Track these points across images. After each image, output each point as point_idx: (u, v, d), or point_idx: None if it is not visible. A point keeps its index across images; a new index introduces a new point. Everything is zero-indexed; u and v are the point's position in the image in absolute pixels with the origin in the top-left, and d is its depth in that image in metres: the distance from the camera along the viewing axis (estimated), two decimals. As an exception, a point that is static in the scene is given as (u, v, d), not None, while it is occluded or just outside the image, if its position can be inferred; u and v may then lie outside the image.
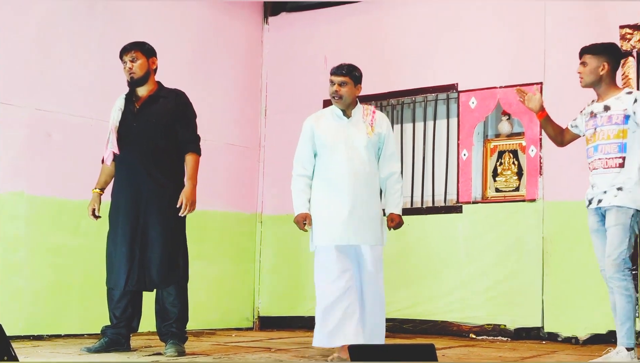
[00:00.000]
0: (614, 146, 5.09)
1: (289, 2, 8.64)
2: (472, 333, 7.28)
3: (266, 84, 8.59)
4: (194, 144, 5.65)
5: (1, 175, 6.43)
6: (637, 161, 5.04)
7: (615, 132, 5.09)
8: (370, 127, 5.35)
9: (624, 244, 5.01)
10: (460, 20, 7.65)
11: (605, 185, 5.10)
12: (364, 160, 5.30)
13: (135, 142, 5.56)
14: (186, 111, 5.69)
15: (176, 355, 5.36)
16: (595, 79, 5.21)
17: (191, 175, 5.58)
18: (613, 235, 5.04)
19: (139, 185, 5.54)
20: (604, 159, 5.12)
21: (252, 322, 8.31)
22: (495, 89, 7.36)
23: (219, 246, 8.03)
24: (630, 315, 5.00)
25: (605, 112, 5.15)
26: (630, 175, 5.04)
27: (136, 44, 5.67)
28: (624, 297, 5.01)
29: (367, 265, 5.29)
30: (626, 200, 5.00)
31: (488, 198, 7.51)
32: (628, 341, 4.98)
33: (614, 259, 5.02)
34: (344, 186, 5.26)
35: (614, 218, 5.04)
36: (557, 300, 6.89)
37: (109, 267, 5.63)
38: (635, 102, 5.05)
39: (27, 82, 6.63)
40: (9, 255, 6.44)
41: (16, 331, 6.22)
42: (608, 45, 5.30)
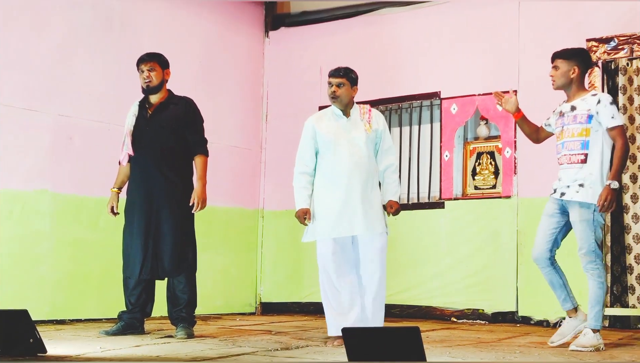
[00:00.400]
0: (577, 143, 5.08)
1: (288, 17, 8.65)
2: (454, 317, 7.29)
3: (267, 92, 8.59)
4: (202, 147, 5.66)
5: (27, 174, 6.44)
6: (598, 158, 5.02)
7: (579, 131, 5.07)
8: (368, 124, 5.27)
9: (592, 237, 5.01)
10: (442, 35, 7.66)
11: (568, 180, 5.09)
12: (364, 155, 5.21)
13: (148, 144, 5.57)
14: (194, 116, 5.69)
15: (186, 337, 5.37)
16: (566, 82, 5.19)
17: (201, 175, 5.59)
18: (580, 231, 5.03)
19: (152, 184, 5.55)
20: (568, 155, 5.12)
21: (254, 307, 8.31)
22: (474, 96, 7.37)
23: (225, 239, 8.03)
24: (600, 300, 5.00)
25: (571, 111, 5.14)
26: (591, 171, 5.02)
27: (154, 56, 5.68)
28: (596, 283, 5.01)
29: (368, 254, 5.18)
30: (587, 196, 4.98)
31: (468, 195, 7.52)
32: (595, 323, 4.98)
33: (585, 252, 5.02)
34: (345, 181, 5.17)
35: (578, 215, 5.03)
36: (530, 287, 6.91)
37: (125, 258, 5.64)
38: (599, 103, 5.03)
39: (51, 91, 6.63)
40: (35, 247, 6.44)
41: (41, 316, 6.22)
42: (578, 51, 5.30)
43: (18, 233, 6.34)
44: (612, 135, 5.02)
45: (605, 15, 6.79)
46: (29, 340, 4.19)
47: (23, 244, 6.37)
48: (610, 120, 5.00)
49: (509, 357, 4.59)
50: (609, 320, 6.60)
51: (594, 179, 4.99)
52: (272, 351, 4.71)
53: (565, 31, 6.94)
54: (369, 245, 5.17)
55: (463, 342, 5.36)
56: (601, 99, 5.06)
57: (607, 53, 6.70)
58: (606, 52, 6.71)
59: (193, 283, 5.62)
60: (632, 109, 6.69)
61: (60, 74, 6.69)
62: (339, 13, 8.34)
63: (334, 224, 5.14)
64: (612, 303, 6.61)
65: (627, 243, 6.61)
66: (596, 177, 4.99)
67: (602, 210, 4.94)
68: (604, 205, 4.90)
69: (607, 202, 4.90)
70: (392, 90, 7.86)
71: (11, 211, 6.31)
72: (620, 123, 5.04)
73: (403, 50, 7.88)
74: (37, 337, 4.21)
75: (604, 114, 5.01)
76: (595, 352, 4.84)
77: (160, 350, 4.63)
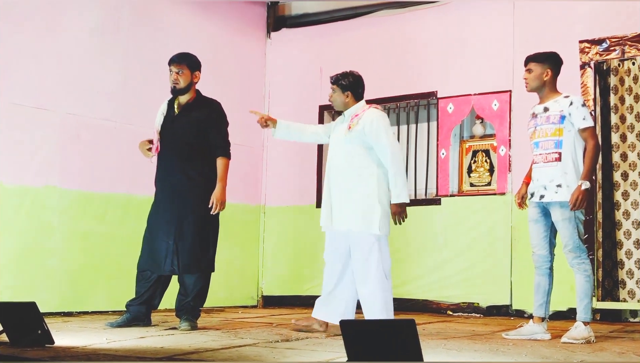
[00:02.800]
0: (551, 143, 5.10)
1: (289, 19, 8.65)
2: (449, 310, 7.30)
3: (269, 92, 8.59)
4: (223, 149, 5.60)
5: (37, 170, 6.44)
6: (571, 158, 5.05)
7: (552, 130, 5.09)
8: (348, 126, 5.31)
9: (575, 234, 5.03)
10: (439, 36, 7.66)
11: (545, 180, 5.10)
12: (341, 155, 5.29)
13: (172, 143, 5.55)
14: (218, 119, 5.65)
15: (189, 329, 5.37)
16: (539, 84, 5.22)
17: (221, 177, 5.56)
18: (564, 229, 5.05)
19: (175, 181, 5.52)
20: (544, 154, 5.13)
21: (256, 300, 8.32)
22: (470, 96, 7.38)
23: (227, 234, 7.96)
24: (588, 293, 5.01)
25: (544, 112, 5.17)
26: (565, 170, 5.04)
27: (185, 58, 5.61)
28: (583, 277, 5.02)
29: (353, 251, 5.24)
30: (566, 196, 5.00)
31: (463, 192, 7.52)
32: (585, 316, 4.99)
33: (570, 249, 5.03)
34: (330, 178, 5.36)
35: (560, 214, 5.05)
36: (523, 281, 6.91)
37: (143, 251, 5.62)
38: (571, 105, 5.06)
39: (60, 89, 6.63)
40: (44, 241, 6.45)
41: (49, 308, 6.22)
42: (551, 54, 5.31)
43: (27, 227, 6.35)
44: (584, 136, 5.04)
45: (597, 17, 6.79)
46: (37, 332, 4.19)
47: (32, 238, 6.37)
48: (582, 121, 5.03)
49: (502, 349, 4.59)
50: (600, 313, 6.61)
51: (570, 179, 5.02)
52: (273, 343, 4.72)
53: (558, 32, 6.95)
54: (355, 245, 5.22)
55: (458, 335, 5.37)
56: (573, 100, 5.08)
57: (599, 54, 6.70)
58: (598, 53, 6.71)
59: (206, 279, 5.61)
60: (624, 108, 6.70)
61: (68, 73, 6.69)
62: (339, 15, 8.35)
63: (321, 216, 5.38)
64: (604, 297, 6.62)
65: (619, 239, 6.63)
66: (572, 177, 5.02)
67: (573, 209, 4.96)
68: (575, 205, 4.93)
69: (579, 202, 4.93)
70: (391, 89, 7.86)
71: (21, 206, 6.32)
72: (591, 124, 5.07)
73: (401, 51, 7.88)
74: (45, 328, 4.21)
75: (576, 116, 5.03)
76: (586, 343, 4.85)
77: (164, 342, 4.64)
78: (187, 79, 5.58)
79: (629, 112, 6.67)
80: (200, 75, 5.70)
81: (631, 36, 6.58)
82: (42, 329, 4.20)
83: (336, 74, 5.44)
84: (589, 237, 6.57)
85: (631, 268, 6.55)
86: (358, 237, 5.19)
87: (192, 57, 5.65)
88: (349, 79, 5.41)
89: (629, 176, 6.63)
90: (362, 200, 5.19)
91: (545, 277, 5.23)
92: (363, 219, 5.16)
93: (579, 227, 5.06)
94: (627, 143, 6.65)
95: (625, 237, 6.59)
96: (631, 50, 6.58)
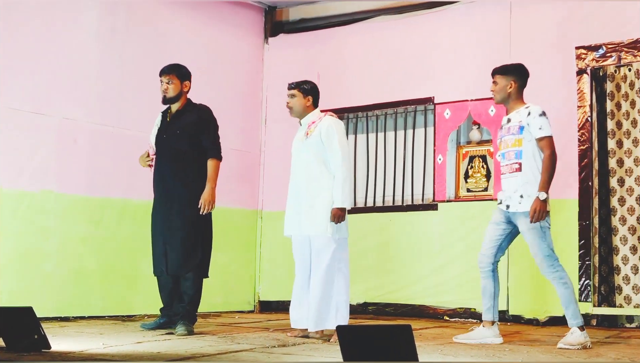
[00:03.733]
0: (513, 153, 5.17)
1: (287, 24, 8.66)
2: (446, 315, 7.30)
3: (266, 97, 8.60)
4: (213, 151, 5.76)
5: (34, 175, 6.44)
6: (531, 168, 5.09)
7: (512, 141, 5.16)
8: (305, 133, 5.46)
9: (542, 243, 5.04)
10: (437, 42, 7.67)
11: (509, 189, 5.18)
12: (303, 162, 5.42)
13: (165, 149, 5.74)
14: (208, 122, 5.81)
15: (185, 333, 5.40)
16: (504, 96, 5.28)
17: (210, 177, 5.71)
18: (531, 239, 5.08)
19: (168, 186, 5.69)
20: (508, 164, 5.21)
21: (253, 305, 8.31)
22: (467, 102, 7.39)
23: (224, 238, 8.02)
24: (570, 299, 5.04)
25: (507, 123, 5.25)
26: (526, 179, 5.08)
27: (174, 68, 5.81)
28: (560, 285, 5.04)
29: (313, 254, 5.36)
30: (528, 206, 5.03)
31: (460, 198, 7.53)
32: (575, 321, 5.01)
33: (540, 259, 5.06)
34: (291, 185, 5.52)
35: (525, 224, 5.08)
36: (520, 287, 6.92)
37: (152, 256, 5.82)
38: (529, 115, 5.11)
39: (57, 94, 6.63)
40: (41, 245, 6.44)
41: (46, 313, 6.22)
42: (515, 66, 5.37)
43: (24, 231, 6.35)
44: (540, 145, 5.09)
45: (593, 24, 6.81)
46: (33, 336, 4.19)
47: (29, 242, 6.37)
48: (538, 131, 5.08)
49: (498, 354, 4.60)
50: (596, 319, 6.62)
51: (531, 189, 5.05)
52: (270, 348, 4.72)
53: (554, 39, 6.96)
54: (313, 246, 5.36)
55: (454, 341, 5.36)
56: (531, 111, 5.13)
57: (596, 60, 6.72)
58: (595, 60, 6.72)
59: (199, 282, 5.70)
60: (620, 114, 6.71)
61: (65, 78, 6.70)
62: (337, 20, 8.35)
63: (286, 223, 5.51)
64: (600, 303, 6.62)
65: (615, 245, 6.63)
66: (533, 187, 5.05)
67: (532, 221, 4.99)
68: (534, 216, 4.97)
69: (537, 214, 4.97)
70: (388, 95, 7.87)
71: (18, 210, 6.32)
72: (548, 134, 5.09)
73: (398, 57, 7.89)
74: (42, 333, 4.21)
75: (533, 125, 5.09)
76: (582, 349, 4.85)
77: (160, 347, 4.64)
78: (176, 88, 5.77)
79: (625, 118, 6.68)
80: (191, 84, 5.89)
81: (627, 42, 6.59)
82: (38, 334, 4.20)
83: (294, 81, 5.58)
84: (585, 242, 6.59)
85: (627, 274, 6.55)
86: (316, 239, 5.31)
87: (182, 68, 5.85)
88: (310, 84, 5.57)
89: (625, 182, 6.64)
90: (320, 203, 5.30)
91: (489, 279, 5.28)
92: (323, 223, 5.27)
93: (547, 236, 5.07)
94: (624, 149, 6.66)
95: (622, 242, 6.60)
96: (627, 57, 6.60)
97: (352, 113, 8.18)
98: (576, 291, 6.56)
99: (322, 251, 5.29)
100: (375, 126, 8.12)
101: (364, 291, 7.60)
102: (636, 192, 6.57)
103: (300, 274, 5.47)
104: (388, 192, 7.95)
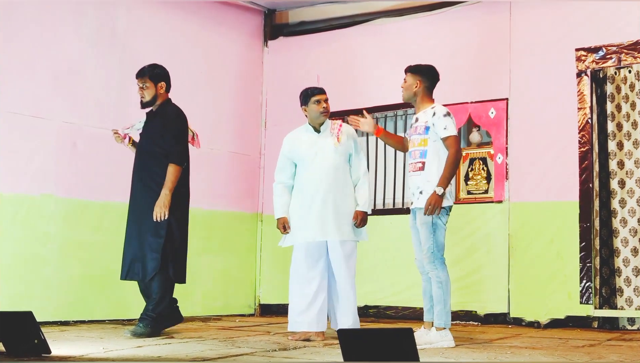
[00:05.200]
0: (418, 152, 5.24)
1: (287, 27, 8.66)
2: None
3: (266, 100, 8.59)
4: (173, 156, 5.56)
5: (34, 179, 6.44)
6: (434, 166, 5.16)
7: (419, 141, 5.23)
8: (337, 138, 5.54)
9: (430, 240, 5.13)
10: (437, 44, 7.66)
11: (413, 188, 5.26)
12: (332, 167, 5.48)
13: (137, 153, 5.76)
14: (170, 125, 5.64)
15: (129, 336, 5.37)
16: (410, 94, 5.36)
17: (165, 183, 5.51)
18: (421, 233, 5.18)
19: (135, 190, 5.69)
20: (413, 163, 5.28)
21: (253, 308, 8.30)
22: (467, 104, 7.38)
23: (225, 242, 8.03)
24: (440, 300, 5.10)
25: (415, 122, 5.32)
26: (428, 178, 5.16)
27: (145, 72, 5.71)
28: (435, 284, 5.14)
29: (336, 259, 5.43)
30: (424, 202, 5.10)
31: (461, 200, 7.51)
32: (439, 322, 5.09)
33: (425, 254, 5.15)
34: (315, 191, 5.46)
35: (419, 219, 5.18)
36: (521, 289, 6.91)
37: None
38: (434, 116, 5.19)
39: (56, 98, 6.64)
40: (40, 249, 6.44)
41: (46, 317, 6.21)
42: (427, 67, 5.43)
43: (24, 235, 6.34)
44: (446, 144, 5.18)
45: (593, 26, 6.80)
46: (33, 341, 4.19)
47: (29, 246, 6.36)
48: (443, 130, 5.17)
49: (500, 357, 4.59)
50: (598, 321, 6.61)
51: (432, 186, 5.12)
52: (270, 352, 4.71)
53: (554, 40, 6.96)
54: (338, 251, 5.43)
55: (456, 343, 5.35)
56: (436, 111, 5.21)
57: (596, 62, 6.72)
58: (595, 61, 6.72)
59: (164, 286, 5.54)
60: (620, 116, 6.70)
61: (64, 82, 6.70)
62: (336, 23, 8.35)
63: (308, 230, 5.45)
64: (601, 305, 6.61)
65: (616, 247, 6.62)
66: (433, 184, 5.11)
67: (427, 213, 5.07)
68: (428, 209, 5.05)
69: (432, 207, 5.05)
70: (387, 97, 7.85)
71: (17, 214, 6.32)
72: (452, 133, 5.17)
73: (398, 59, 7.85)
74: (42, 337, 4.20)
75: (438, 125, 5.17)
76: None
77: (161, 351, 4.63)
78: (151, 92, 5.70)
79: (625, 119, 6.68)
80: (168, 84, 5.75)
81: (627, 44, 6.59)
82: (38, 338, 4.19)
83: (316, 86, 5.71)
84: (586, 244, 6.58)
85: (629, 276, 6.54)
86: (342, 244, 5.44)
87: (155, 68, 5.73)
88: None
89: (626, 184, 6.63)
90: (347, 209, 5.50)
91: (429, 282, 5.28)
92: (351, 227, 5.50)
93: (437, 233, 5.14)
94: (624, 151, 6.65)
95: (623, 244, 6.59)
96: (627, 58, 6.59)
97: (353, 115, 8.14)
98: (577, 293, 6.58)
99: (351, 255, 5.48)
100: (375, 129, 8.11)
101: (365, 294, 7.57)
102: (637, 193, 6.56)
103: (313, 279, 5.47)
104: (388, 194, 7.94)
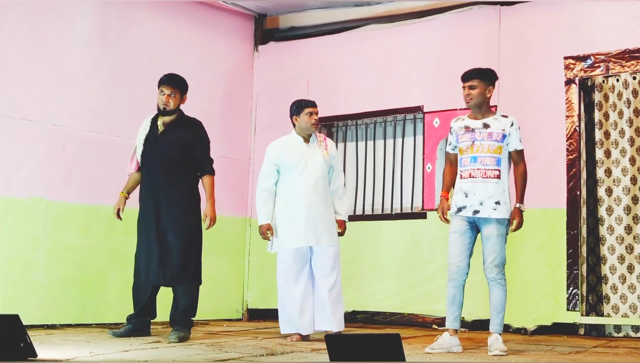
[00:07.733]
0: (493, 159, 5.16)
1: (277, 32, 8.66)
2: (435, 324, 7.28)
3: (256, 104, 8.58)
4: (209, 166, 5.88)
5: (23, 182, 6.41)
6: (506, 176, 5.18)
7: (494, 148, 5.16)
8: (325, 150, 5.87)
9: (504, 250, 5.18)
10: (426, 51, 7.68)
11: (482, 195, 5.13)
12: (320, 177, 5.82)
13: (157, 160, 5.73)
14: (203, 138, 5.89)
15: (176, 340, 5.46)
16: (482, 100, 5.24)
17: (209, 195, 5.83)
18: (495, 244, 5.14)
19: (160, 195, 5.70)
20: (483, 169, 5.17)
21: (241, 313, 8.28)
22: (456, 111, 7.38)
23: (213, 246, 7.96)
24: (504, 306, 5.22)
25: (484, 128, 5.19)
26: (504, 188, 5.16)
27: (178, 82, 5.82)
28: (503, 291, 5.21)
29: (323, 263, 5.78)
30: (504, 213, 5.12)
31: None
32: (501, 328, 5.19)
33: (497, 264, 5.16)
34: (304, 198, 5.75)
35: (495, 230, 5.13)
36: (508, 296, 6.84)
37: (136, 264, 5.81)
38: (512, 126, 5.16)
39: (46, 101, 6.61)
40: (29, 253, 6.40)
41: (33, 320, 6.18)
42: (494, 72, 5.37)
43: (12, 239, 6.31)
44: (517, 157, 5.21)
45: (582, 34, 6.83)
46: (19, 345, 4.16)
47: (17, 250, 6.33)
48: (519, 143, 5.20)
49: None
50: (584, 328, 6.62)
51: (507, 197, 5.15)
52: (258, 357, 4.70)
53: (543, 49, 6.99)
54: (324, 254, 5.79)
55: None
56: (514, 122, 5.21)
57: (584, 70, 6.75)
58: (583, 70, 6.75)
59: (194, 290, 5.77)
60: (608, 124, 6.73)
61: (55, 85, 6.67)
62: (327, 29, 8.35)
63: (299, 236, 5.74)
64: (588, 312, 6.63)
65: (603, 254, 6.64)
66: (507, 195, 5.16)
67: (514, 230, 5.16)
68: (519, 227, 5.15)
69: (522, 225, 5.16)
70: (377, 103, 7.88)
71: (6, 217, 6.28)
72: (523, 147, 5.23)
73: (388, 65, 7.89)
74: (28, 341, 4.17)
75: (515, 137, 5.18)
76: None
77: (148, 355, 4.61)
78: (177, 101, 5.82)
79: (613, 128, 6.70)
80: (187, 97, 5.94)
81: (615, 53, 6.62)
82: (24, 342, 4.17)
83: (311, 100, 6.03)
84: (573, 251, 6.60)
85: (615, 284, 6.56)
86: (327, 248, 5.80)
87: (184, 81, 5.88)
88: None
89: (613, 191, 6.65)
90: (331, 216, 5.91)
91: (460, 289, 5.32)
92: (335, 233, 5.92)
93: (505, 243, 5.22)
94: (611, 159, 6.68)
95: (610, 252, 6.60)
96: (615, 67, 6.62)
97: (342, 121, 8.17)
98: (564, 300, 6.60)
99: (337, 258, 5.84)
100: (364, 135, 8.12)
101: (353, 299, 7.57)
102: (624, 201, 6.58)
103: (302, 282, 5.81)
104: (377, 200, 7.95)
